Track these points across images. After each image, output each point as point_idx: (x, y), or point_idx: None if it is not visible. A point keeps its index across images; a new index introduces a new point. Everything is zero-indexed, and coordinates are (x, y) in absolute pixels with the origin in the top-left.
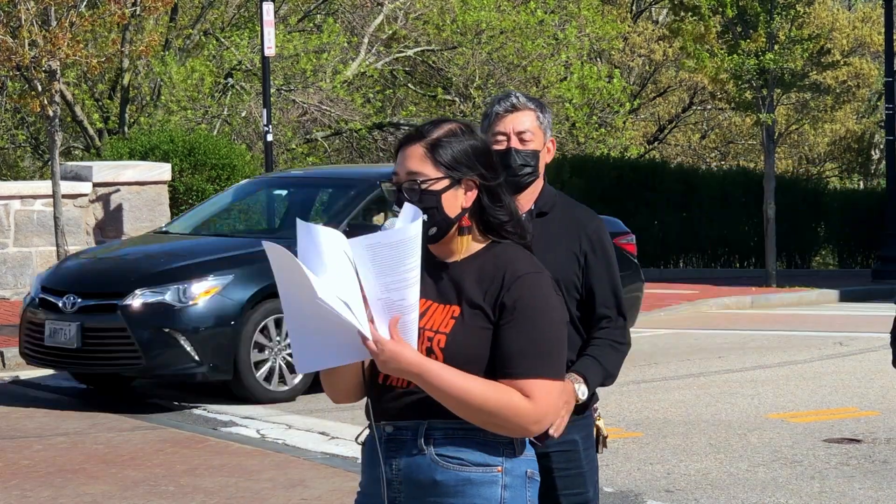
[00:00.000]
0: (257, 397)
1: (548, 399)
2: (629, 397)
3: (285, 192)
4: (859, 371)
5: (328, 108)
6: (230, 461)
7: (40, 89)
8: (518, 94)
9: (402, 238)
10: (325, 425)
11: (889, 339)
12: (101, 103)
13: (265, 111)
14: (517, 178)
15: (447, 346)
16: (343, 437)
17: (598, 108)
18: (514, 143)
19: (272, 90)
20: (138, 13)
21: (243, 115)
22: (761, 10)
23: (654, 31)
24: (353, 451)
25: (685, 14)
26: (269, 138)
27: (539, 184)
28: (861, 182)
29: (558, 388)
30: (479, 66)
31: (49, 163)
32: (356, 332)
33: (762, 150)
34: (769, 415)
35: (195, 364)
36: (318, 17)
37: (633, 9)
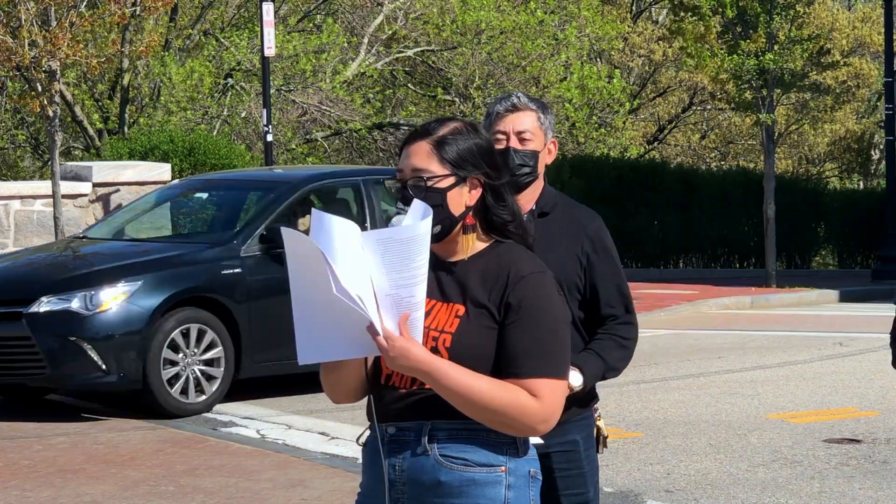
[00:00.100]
0: (168, 409)
1: (554, 398)
2: (629, 397)
3: (206, 196)
4: (859, 371)
5: (328, 109)
6: (230, 461)
7: (40, 89)
8: (520, 95)
9: (414, 234)
10: (325, 425)
11: (889, 340)
12: (100, 103)
13: (265, 111)
14: (515, 177)
15: (453, 346)
16: (343, 438)
17: (598, 108)
18: (514, 142)
19: (272, 90)
20: (138, 13)
21: (243, 115)
22: (761, 10)
23: (653, 31)
24: (353, 451)
25: (685, 14)
26: (269, 138)
27: (540, 184)
28: (861, 182)
29: (564, 387)
30: (479, 66)
31: (49, 163)
32: (365, 326)
33: (762, 151)
34: (769, 415)
35: (102, 374)
36: (318, 17)
37: (633, 9)
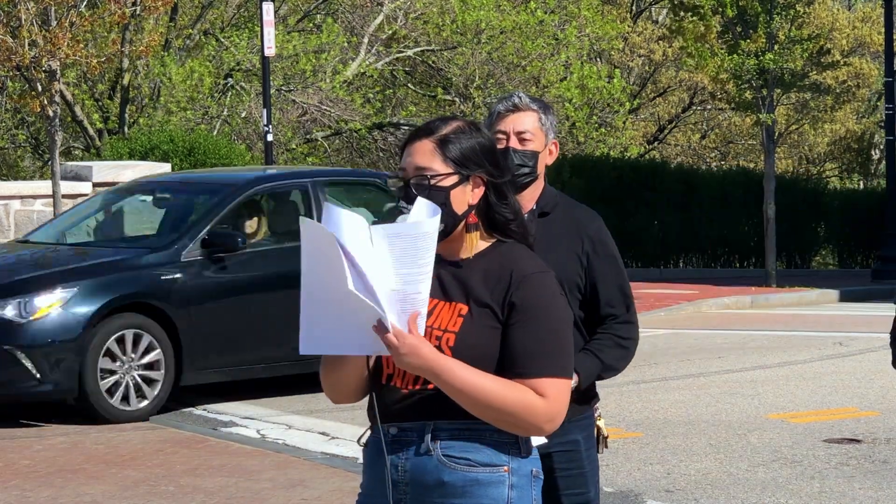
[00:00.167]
0: (105, 417)
1: (561, 397)
2: (629, 397)
3: (151, 198)
4: (859, 371)
5: (328, 109)
6: (230, 461)
7: (40, 89)
8: (521, 95)
9: (424, 231)
10: (326, 425)
11: (889, 339)
12: (101, 103)
13: (265, 111)
14: (514, 178)
15: (456, 345)
16: (343, 438)
17: (598, 107)
18: (514, 142)
19: (272, 90)
20: (138, 13)
21: (243, 115)
22: (761, 10)
23: (653, 31)
24: (354, 451)
25: (685, 14)
26: (269, 138)
27: (540, 184)
28: (861, 182)
29: (570, 386)
30: (479, 66)
31: (49, 163)
32: (374, 323)
33: (762, 150)
34: (769, 415)
35: (36, 382)
36: (318, 17)
37: (633, 9)
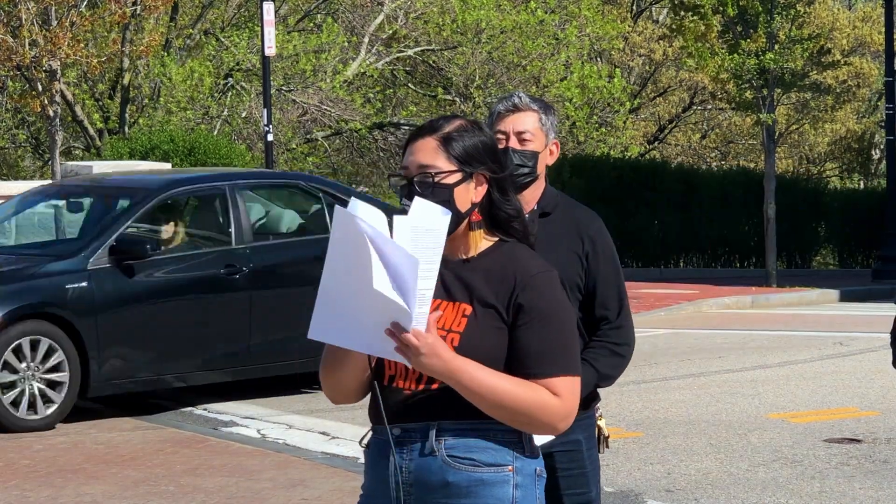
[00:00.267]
0: (5, 425)
1: (574, 395)
2: (629, 397)
3: (64, 203)
4: (859, 371)
5: (328, 108)
6: (230, 461)
7: (41, 89)
8: (521, 95)
9: (437, 227)
10: (326, 425)
11: (889, 339)
12: (101, 103)
13: (265, 111)
14: (513, 178)
15: (461, 346)
16: (343, 437)
17: (599, 107)
18: (513, 142)
19: (272, 90)
20: (138, 13)
21: (243, 115)
22: (762, 9)
23: (654, 30)
24: (354, 451)
25: (686, 14)
26: (270, 138)
27: (541, 184)
28: (861, 182)
29: (579, 383)
30: (480, 65)
31: (49, 163)
32: (388, 326)
33: (762, 150)
34: (769, 415)
35: None
36: (318, 16)
37: (634, 9)
